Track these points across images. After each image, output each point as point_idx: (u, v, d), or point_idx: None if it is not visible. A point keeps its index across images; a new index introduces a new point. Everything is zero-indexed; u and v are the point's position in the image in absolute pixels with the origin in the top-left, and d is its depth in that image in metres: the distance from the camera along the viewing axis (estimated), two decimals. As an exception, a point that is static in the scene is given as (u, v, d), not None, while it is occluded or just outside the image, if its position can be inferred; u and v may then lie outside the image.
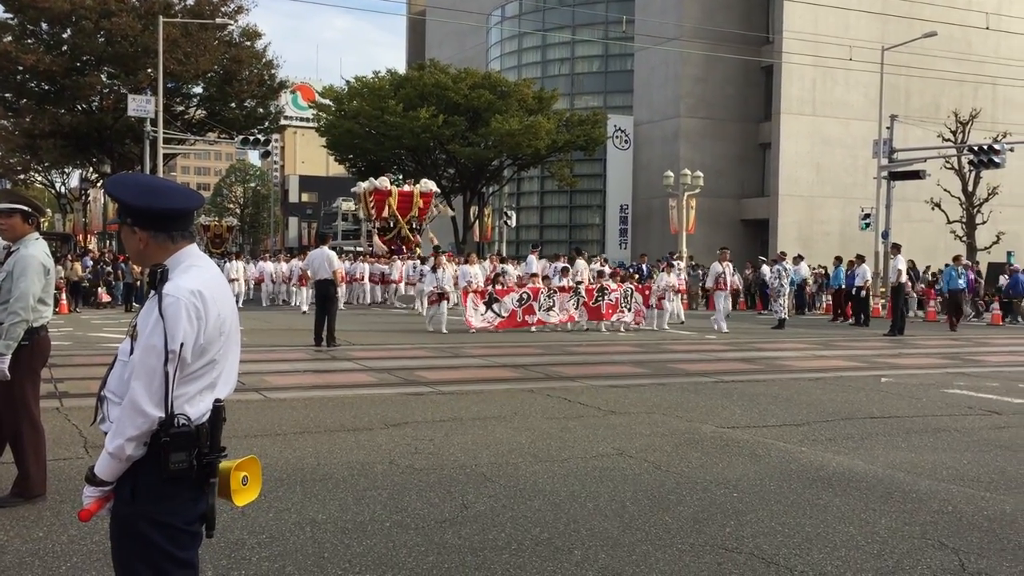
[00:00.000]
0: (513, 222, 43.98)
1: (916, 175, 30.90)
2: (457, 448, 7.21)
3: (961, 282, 23.93)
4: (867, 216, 33.34)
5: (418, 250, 33.39)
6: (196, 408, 2.59)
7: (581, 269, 24.58)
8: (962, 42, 45.02)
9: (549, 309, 19.23)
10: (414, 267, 28.58)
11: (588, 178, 51.89)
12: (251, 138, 37.41)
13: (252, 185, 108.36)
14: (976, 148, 30.93)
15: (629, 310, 19.94)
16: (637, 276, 22.79)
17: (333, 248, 17.24)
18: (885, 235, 30.36)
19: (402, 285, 29.59)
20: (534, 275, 21.51)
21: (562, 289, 19.86)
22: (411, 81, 44.27)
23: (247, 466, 2.64)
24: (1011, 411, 9.66)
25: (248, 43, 43.88)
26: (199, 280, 2.62)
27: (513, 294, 19.12)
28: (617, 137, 48.80)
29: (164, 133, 33.39)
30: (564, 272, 22.51)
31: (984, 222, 37.08)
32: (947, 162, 35.32)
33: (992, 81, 46.58)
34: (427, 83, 43.06)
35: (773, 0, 45.56)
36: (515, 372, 12.52)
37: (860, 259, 24.25)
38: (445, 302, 18.94)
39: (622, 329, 19.78)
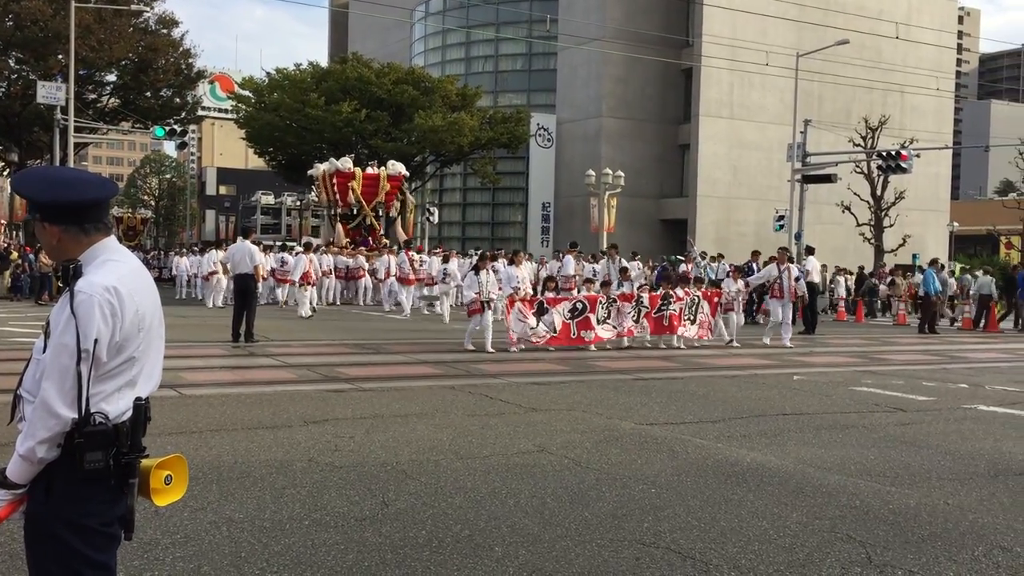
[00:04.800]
0: (435, 218, 43.87)
1: (828, 179, 31.79)
2: (378, 445, 7.18)
3: (938, 285, 24.35)
4: (781, 218, 34.19)
5: (384, 242, 30.74)
6: (115, 406, 2.51)
7: (637, 272, 21.08)
8: (873, 50, 46.57)
9: (605, 321, 15.87)
10: (436, 266, 24.16)
11: (511, 176, 52.05)
12: (167, 128, 36.46)
13: (168, 177, 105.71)
14: (885, 154, 31.97)
15: (692, 322, 16.77)
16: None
17: (255, 243, 16.97)
18: (798, 236, 31.18)
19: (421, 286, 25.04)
20: (588, 281, 18.76)
21: (623, 297, 16.40)
22: (333, 74, 43.81)
23: (171, 465, 2.57)
24: (915, 408, 10.03)
25: (164, 31, 42.83)
26: (115, 275, 2.53)
27: (566, 304, 15.76)
28: (540, 135, 49.09)
29: (75, 122, 32.31)
30: (624, 274, 18.99)
31: (891, 225, 38.47)
32: (857, 167, 36.49)
33: (900, 89, 48.29)
34: (349, 77, 42.65)
35: (693, 4, 46.38)
36: (437, 369, 12.51)
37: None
38: (490, 312, 15.12)
39: (681, 345, 16.57)
